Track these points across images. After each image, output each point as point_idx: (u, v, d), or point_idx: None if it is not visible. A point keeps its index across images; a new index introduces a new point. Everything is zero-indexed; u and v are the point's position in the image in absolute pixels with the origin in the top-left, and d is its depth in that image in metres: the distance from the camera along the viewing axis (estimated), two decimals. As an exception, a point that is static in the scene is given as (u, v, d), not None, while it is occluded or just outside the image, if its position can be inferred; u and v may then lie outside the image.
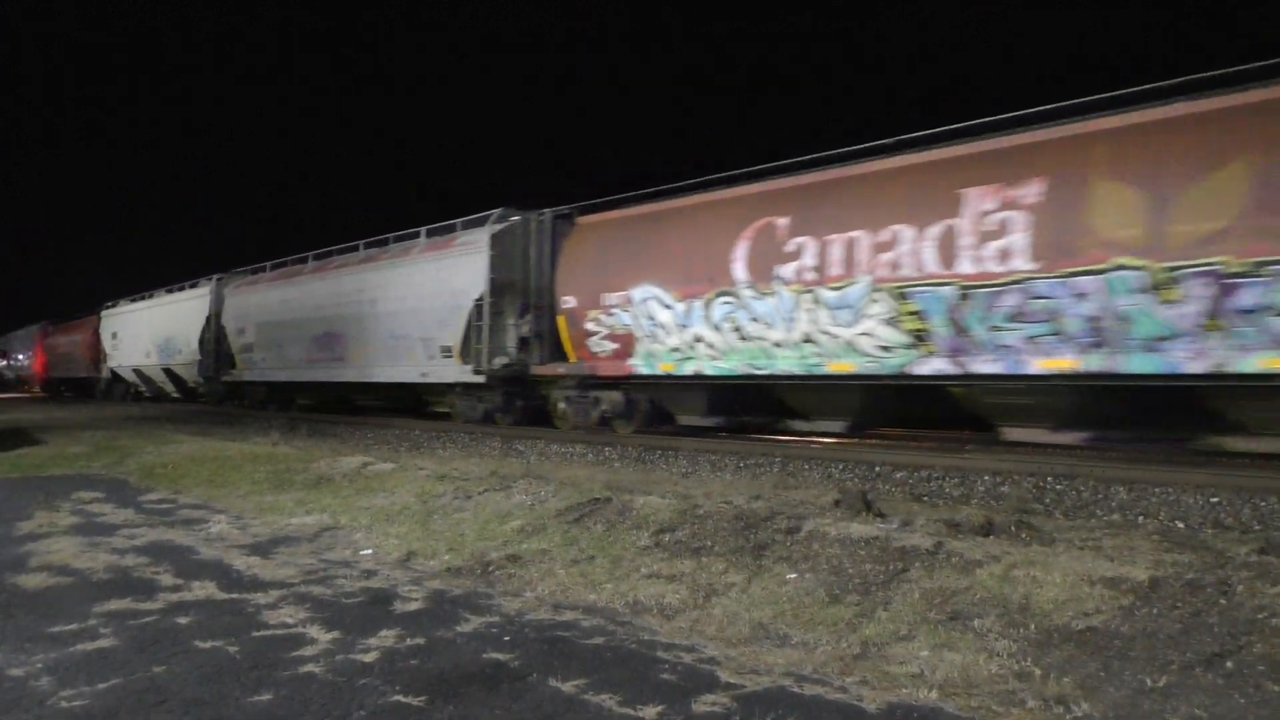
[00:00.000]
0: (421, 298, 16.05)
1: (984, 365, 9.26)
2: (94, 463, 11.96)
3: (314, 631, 4.39)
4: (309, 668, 3.86)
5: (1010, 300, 8.99)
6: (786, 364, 10.91)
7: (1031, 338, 8.92)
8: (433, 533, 6.76)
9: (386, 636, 4.30)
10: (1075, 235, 8.59)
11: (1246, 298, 7.65)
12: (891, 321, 9.92)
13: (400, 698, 3.51)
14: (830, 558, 5.16)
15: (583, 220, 14.36)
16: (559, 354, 14.11)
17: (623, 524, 6.27)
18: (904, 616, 4.34)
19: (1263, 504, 6.60)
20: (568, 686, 3.61)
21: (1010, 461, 8.74)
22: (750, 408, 12.42)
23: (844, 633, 4.24)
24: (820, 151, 11.28)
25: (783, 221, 10.99)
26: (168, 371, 27.11)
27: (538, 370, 14.17)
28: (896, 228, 9.86)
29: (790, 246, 10.83)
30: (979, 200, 9.29)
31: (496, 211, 15.15)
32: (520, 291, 14.48)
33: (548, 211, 14.65)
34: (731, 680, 3.66)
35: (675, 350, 12.13)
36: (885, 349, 10.05)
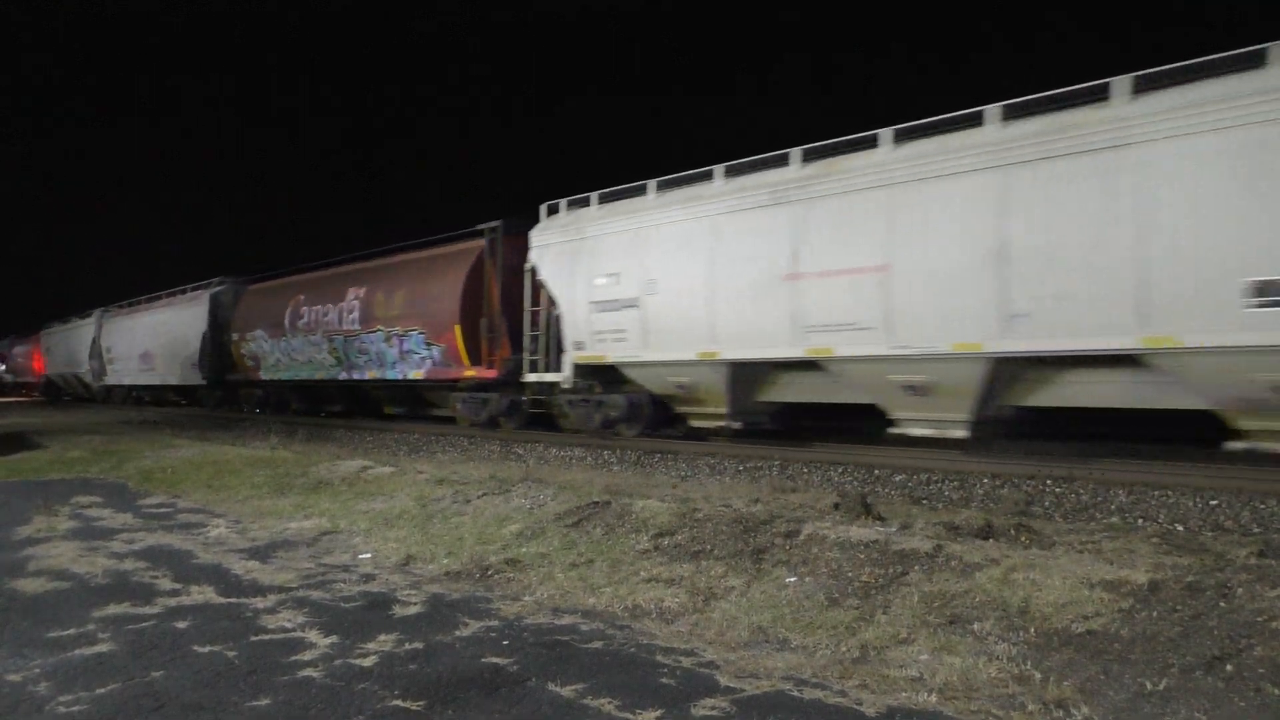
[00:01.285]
0: (184, 329, 25.76)
1: (356, 375, 18.80)
2: (93, 467, 11.95)
3: (312, 636, 4.38)
4: (307, 672, 3.86)
5: (356, 343, 18.45)
6: (305, 374, 20.81)
7: (365, 361, 18.32)
8: (431, 537, 6.75)
9: (385, 641, 4.29)
10: (372, 313, 17.99)
11: (407, 346, 16.83)
12: (330, 352, 19.50)
13: (399, 702, 3.50)
14: (829, 561, 5.16)
15: (249, 288, 24.31)
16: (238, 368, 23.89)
17: (621, 527, 6.26)
18: (903, 620, 4.33)
19: (1262, 507, 6.61)
20: (567, 691, 3.60)
21: (1009, 464, 8.76)
22: (314, 399, 21.96)
23: (843, 636, 4.23)
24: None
25: (302, 298, 20.81)
26: (76, 378, 37.06)
27: (229, 377, 24.34)
28: (327, 305, 19.65)
29: (302, 311, 20.57)
30: (351, 293, 18.85)
31: (217, 279, 25.32)
32: (226, 329, 23.89)
33: (239, 279, 24.84)
34: (731, 684, 3.65)
35: (273, 366, 22.01)
36: (331, 366, 19.66)
